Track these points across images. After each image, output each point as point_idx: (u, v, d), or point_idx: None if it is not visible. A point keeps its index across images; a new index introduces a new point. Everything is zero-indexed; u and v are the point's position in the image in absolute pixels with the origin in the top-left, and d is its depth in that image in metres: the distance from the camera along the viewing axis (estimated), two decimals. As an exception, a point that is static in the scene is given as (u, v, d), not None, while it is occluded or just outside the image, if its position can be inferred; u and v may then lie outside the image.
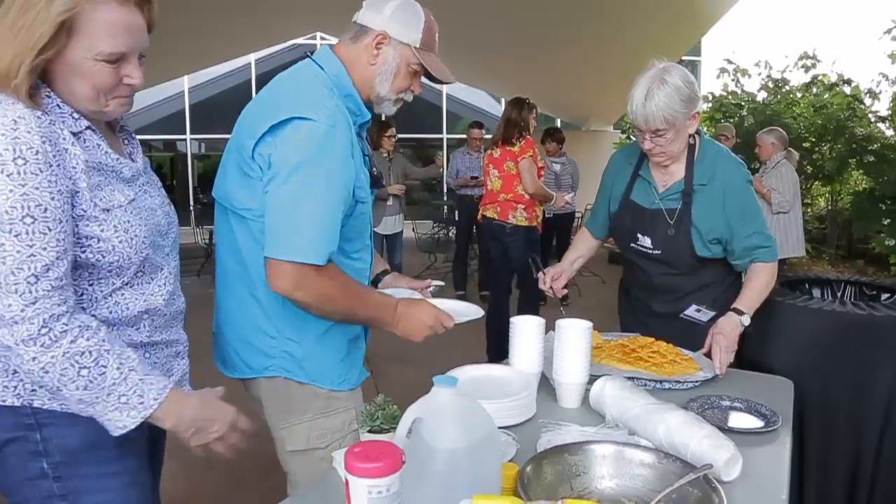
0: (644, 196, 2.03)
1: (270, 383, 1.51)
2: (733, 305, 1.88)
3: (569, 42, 8.38)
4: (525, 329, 1.61)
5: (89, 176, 1.12)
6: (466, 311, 1.70)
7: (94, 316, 1.14)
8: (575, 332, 1.57)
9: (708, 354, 1.81)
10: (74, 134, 1.12)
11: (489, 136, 5.24)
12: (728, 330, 1.81)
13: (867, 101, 8.70)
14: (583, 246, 2.28)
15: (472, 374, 1.57)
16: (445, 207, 9.97)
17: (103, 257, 1.14)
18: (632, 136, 8.38)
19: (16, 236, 1.02)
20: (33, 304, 1.03)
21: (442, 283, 1.87)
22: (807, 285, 2.50)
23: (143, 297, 1.22)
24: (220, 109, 13.76)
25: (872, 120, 8.54)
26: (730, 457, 1.20)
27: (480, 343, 4.47)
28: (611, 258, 7.55)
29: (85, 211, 1.11)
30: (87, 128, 1.15)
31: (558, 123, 12.23)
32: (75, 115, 1.13)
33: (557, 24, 7.87)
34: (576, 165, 6.91)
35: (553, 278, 2.07)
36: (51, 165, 1.05)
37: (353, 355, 1.59)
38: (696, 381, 1.71)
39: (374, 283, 1.81)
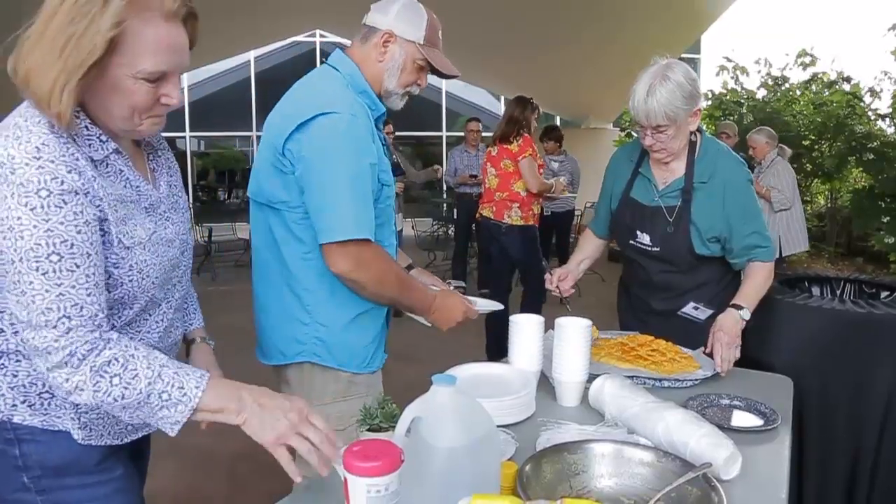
0: (644, 193, 2.03)
1: (299, 368, 1.62)
2: (733, 301, 1.88)
3: (568, 41, 8.37)
4: (524, 327, 1.61)
5: (115, 208, 1.07)
6: (487, 304, 1.84)
7: None
8: (574, 331, 1.57)
9: (710, 354, 1.80)
10: (95, 162, 1.06)
11: (488, 134, 5.24)
12: (728, 326, 1.81)
13: (867, 98, 8.70)
14: (588, 247, 2.28)
15: (471, 372, 1.57)
16: (445, 205, 9.97)
17: (108, 291, 1.09)
18: (633, 133, 8.39)
19: (43, 274, 0.98)
20: (66, 334, 1.00)
21: (464, 285, 1.93)
22: (806, 283, 2.50)
23: (138, 336, 1.18)
24: (219, 107, 13.76)
25: (872, 118, 8.54)
26: (729, 455, 1.20)
27: (480, 342, 4.46)
28: (611, 256, 7.53)
29: (110, 244, 1.07)
30: (114, 150, 1.09)
31: (557, 121, 12.23)
32: (103, 138, 1.08)
33: (557, 23, 7.86)
34: (575, 163, 6.90)
35: (560, 278, 2.07)
36: (77, 194, 1.00)
37: (379, 339, 1.70)
38: (696, 380, 1.70)
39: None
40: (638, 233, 2.03)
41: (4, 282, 1.02)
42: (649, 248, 2.02)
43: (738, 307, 1.85)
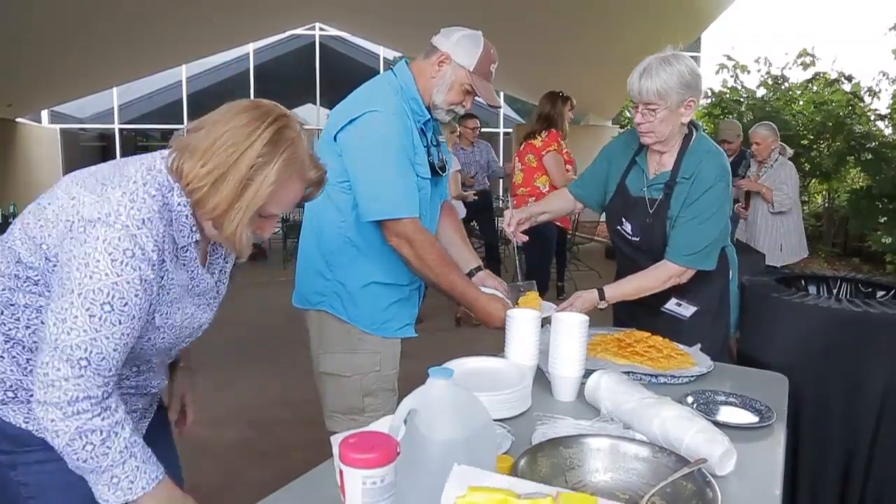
0: (635, 182, 2.07)
1: (318, 315, 1.89)
2: (603, 287, 1.96)
3: (569, 39, 8.37)
4: (521, 322, 1.61)
5: (169, 291, 1.20)
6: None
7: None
8: (571, 326, 1.57)
9: None
10: (176, 245, 1.19)
11: (487, 130, 5.27)
12: (587, 301, 1.91)
13: (867, 98, 8.70)
14: (555, 202, 2.35)
15: (468, 366, 1.57)
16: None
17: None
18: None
19: (90, 316, 1.07)
20: (77, 377, 1.08)
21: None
22: (803, 282, 2.50)
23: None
24: (217, 99, 13.61)
25: (871, 118, 8.55)
26: (724, 451, 1.20)
27: (478, 337, 4.48)
28: (607, 253, 7.56)
29: (147, 321, 1.18)
30: (195, 242, 1.22)
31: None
32: (193, 229, 1.21)
33: (557, 21, 7.86)
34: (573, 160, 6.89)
35: (519, 223, 2.09)
36: (153, 267, 1.12)
37: (394, 311, 1.90)
38: (692, 376, 1.71)
39: (468, 277, 2.01)
40: (623, 220, 2.08)
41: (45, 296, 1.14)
42: (630, 237, 2.06)
43: (602, 296, 1.94)
